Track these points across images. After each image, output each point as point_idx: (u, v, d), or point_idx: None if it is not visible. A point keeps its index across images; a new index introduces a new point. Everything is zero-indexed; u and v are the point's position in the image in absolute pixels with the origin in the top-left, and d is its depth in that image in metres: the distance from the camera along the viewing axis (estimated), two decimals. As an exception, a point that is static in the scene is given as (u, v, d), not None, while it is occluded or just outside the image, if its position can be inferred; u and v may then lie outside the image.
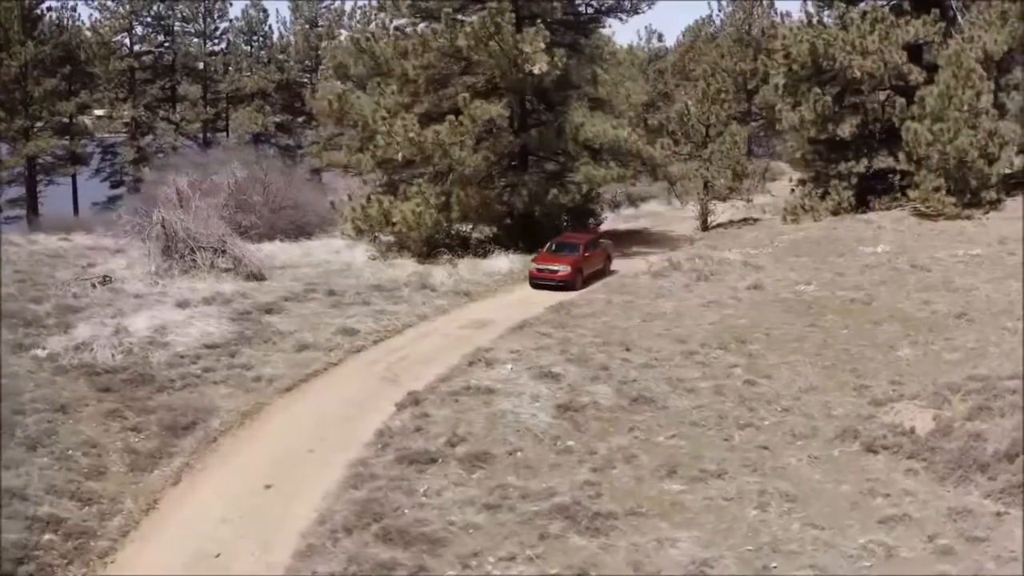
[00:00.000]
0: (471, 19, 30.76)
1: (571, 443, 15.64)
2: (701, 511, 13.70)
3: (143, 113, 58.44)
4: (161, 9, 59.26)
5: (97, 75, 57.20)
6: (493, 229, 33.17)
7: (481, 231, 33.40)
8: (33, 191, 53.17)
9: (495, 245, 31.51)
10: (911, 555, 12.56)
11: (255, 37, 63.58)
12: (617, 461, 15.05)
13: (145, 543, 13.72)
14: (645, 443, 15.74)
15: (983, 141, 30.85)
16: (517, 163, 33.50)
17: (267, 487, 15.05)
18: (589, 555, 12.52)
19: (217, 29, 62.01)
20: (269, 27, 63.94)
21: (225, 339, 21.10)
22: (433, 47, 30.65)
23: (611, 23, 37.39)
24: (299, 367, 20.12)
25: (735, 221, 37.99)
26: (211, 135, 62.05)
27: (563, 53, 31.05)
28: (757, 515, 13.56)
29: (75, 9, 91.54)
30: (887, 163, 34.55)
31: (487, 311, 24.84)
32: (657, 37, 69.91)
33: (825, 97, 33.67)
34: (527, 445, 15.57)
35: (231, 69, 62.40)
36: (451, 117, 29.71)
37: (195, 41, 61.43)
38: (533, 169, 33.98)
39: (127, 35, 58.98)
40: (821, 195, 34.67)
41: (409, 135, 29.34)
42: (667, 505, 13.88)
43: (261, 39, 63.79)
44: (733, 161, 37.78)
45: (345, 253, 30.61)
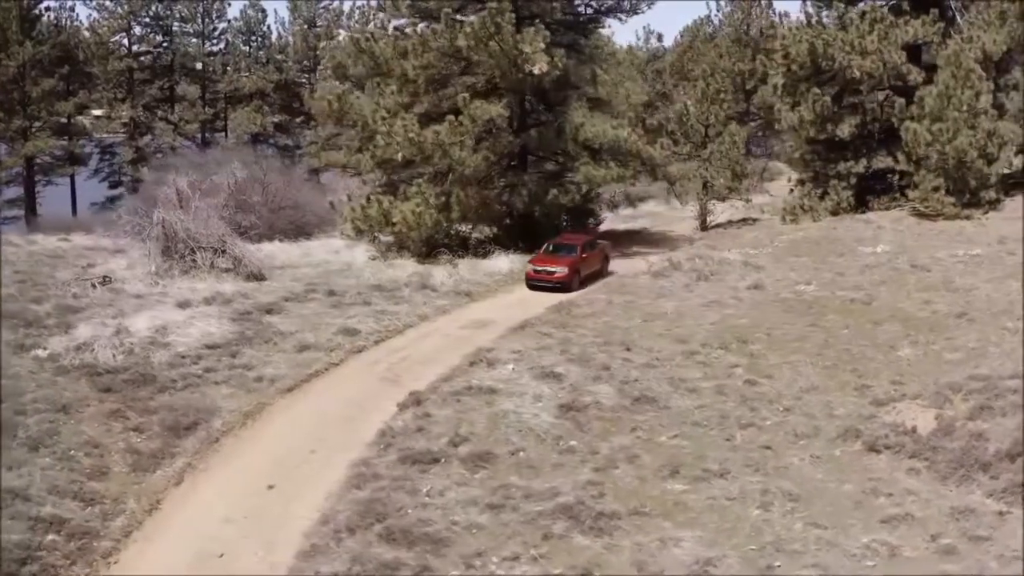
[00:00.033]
0: (471, 19, 30.75)
1: (573, 443, 15.67)
2: (704, 511, 13.74)
3: (141, 113, 58.33)
4: (159, 9, 59.18)
5: (95, 75, 57.09)
6: (493, 229, 33.14)
7: (481, 231, 33.36)
8: (31, 191, 53.10)
9: (495, 245, 31.48)
10: (914, 554, 12.60)
11: (254, 37, 63.44)
12: (620, 461, 15.08)
13: (148, 543, 13.74)
14: (647, 443, 15.78)
15: (982, 141, 30.87)
16: (517, 163, 33.47)
17: (270, 487, 15.07)
18: (593, 555, 12.55)
19: (216, 29, 61.94)
20: (268, 27, 63.86)
21: (226, 339, 21.09)
22: (433, 47, 30.62)
23: (610, 23, 37.33)
24: (300, 367, 20.12)
25: (734, 221, 37.98)
26: (210, 135, 61.93)
27: (563, 53, 31.01)
28: (760, 515, 13.59)
29: (73, 9, 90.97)
30: (886, 163, 34.56)
31: (488, 311, 24.83)
32: (657, 37, 69.85)
33: (824, 97, 33.65)
34: (529, 445, 15.60)
35: (229, 69, 62.27)
36: (451, 117, 29.67)
37: (193, 41, 61.32)
38: (533, 169, 33.95)
39: (125, 35, 58.86)
40: (820, 195, 34.66)
41: (409, 135, 29.31)
42: (670, 505, 13.91)
43: (260, 39, 63.64)
44: (732, 161, 37.77)
45: (345, 253, 30.57)
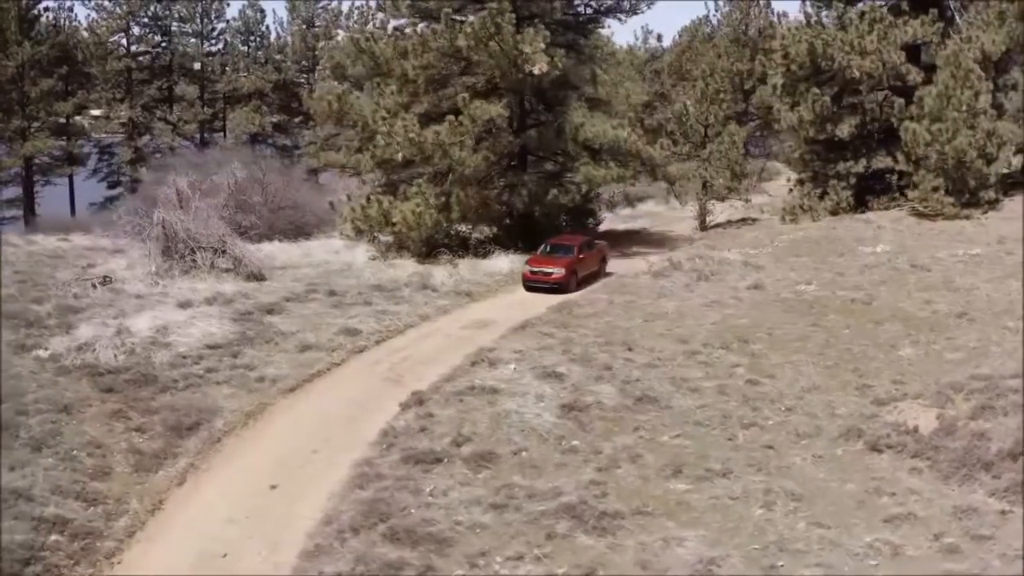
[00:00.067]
0: (470, 19, 30.75)
1: (576, 443, 15.69)
2: (707, 510, 13.76)
3: (140, 113, 58.22)
4: (158, 9, 59.03)
5: (94, 75, 56.98)
6: (493, 229, 33.13)
7: (481, 231, 33.36)
8: (30, 191, 53.00)
9: (495, 245, 31.47)
10: (917, 553, 12.62)
11: (252, 37, 63.34)
12: (622, 461, 15.10)
13: (151, 543, 13.74)
14: (650, 443, 15.79)
15: (981, 141, 30.89)
16: (517, 163, 33.48)
17: (272, 487, 15.07)
18: (597, 554, 12.57)
19: (214, 29, 61.78)
20: (266, 27, 63.64)
21: (227, 339, 21.09)
22: (433, 47, 30.62)
23: (610, 23, 37.38)
24: (302, 367, 20.14)
25: (733, 221, 38.01)
26: (208, 135, 61.82)
27: (562, 53, 31.01)
28: (763, 514, 13.61)
29: (72, 9, 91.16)
30: (885, 163, 34.58)
31: (488, 311, 24.85)
32: (656, 37, 69.73)
33: (823, 97, 33.67)
34: (532, 445, 15.62)
35: (228, 69, 62.15)
36: (451, 117, 29.66)
37: (192, 41, 61.15)
38: (533, 169, 33.96)
39: (124, 35, 58.70)
40: (820, 195, 34.68)
41: (409, 135, 29.31)
42: (673, 504, 13.93)
43: (258, 39, 63.54)
44: (732, 161, 37.81)
45: (345, 253, 30.57)
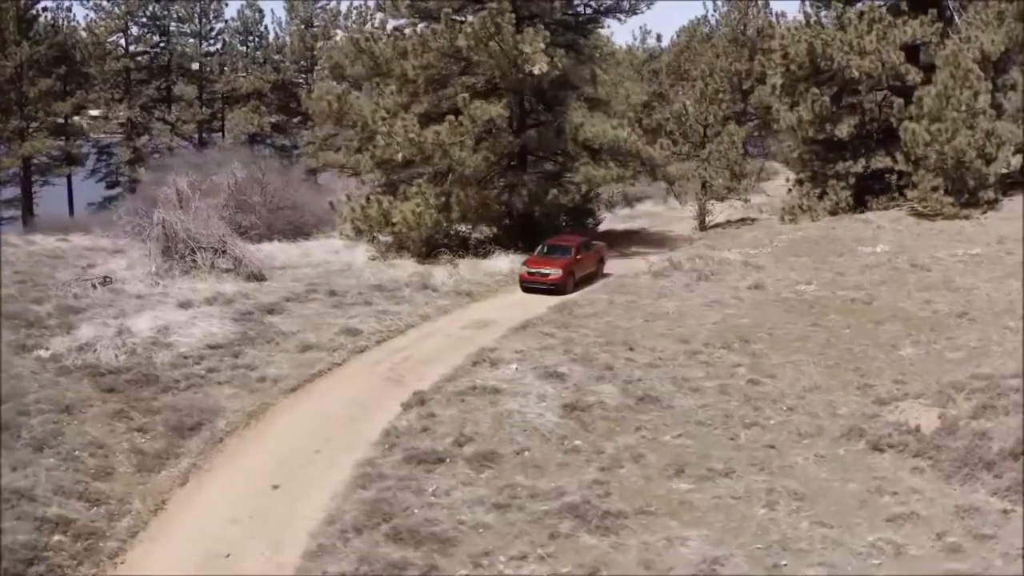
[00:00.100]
0: (470, 19, 30.76)
1: (578, 442, 15.70)
2: (710, 510, 13.78)
3: (139, 114, 58.14)
4: (156, 9, 59.00)
5: (92, 76, 56.90)
6: (493, 229, 33.13)
7: (480, 231, 33.37)
8: (28, 192, 52.94)
9: (495, 245, 31.47)
10: (920, 553, 12.64)
11: (251, 37, 63.32)
12: (625, 460, 15.12)
13: (154, 543, 13.75)
14: (652, 442, 15.81)
15: (981, 141, 30.93)
16: (516, 163, 33.48)
17: (275, 487, 15.08)
18: (600, 554, 12.59)
19: (213, 29, 61.73)
20: (265, 27, 63.65)
21: (228, 339, 21.09)
22: (433, 47, 30.61)
23: (609, 23, 37.40)
24: (303, 367, 20.14)
25: (732, 221, 38.04)
26: (207, 135, 61.81)
27: (562, 53, 31.02)
28: (766, 513, 13.63)
29: (70, 10, 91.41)
30: (884, 163, 34.62)
31: (489, 311, 24.85)
32: (656, 37, 69.75)
33: (823, 97, 33.69)
34: (534, 445, 15.63)
35: (227, 69, 62.09)
36: (451, 117, 29.66)
37: (191, 41, 61.09)
38: (532, 169, 33.96)
39: (122, 35, 58.65)
40: (819, 195, 34.71)
41: (409, 135, 29.30)
42: (676, 504, 13.94)
43: (257, 39, 63.52)
44: (731, 161, 37.84)
45: (344, 253, 30.56)
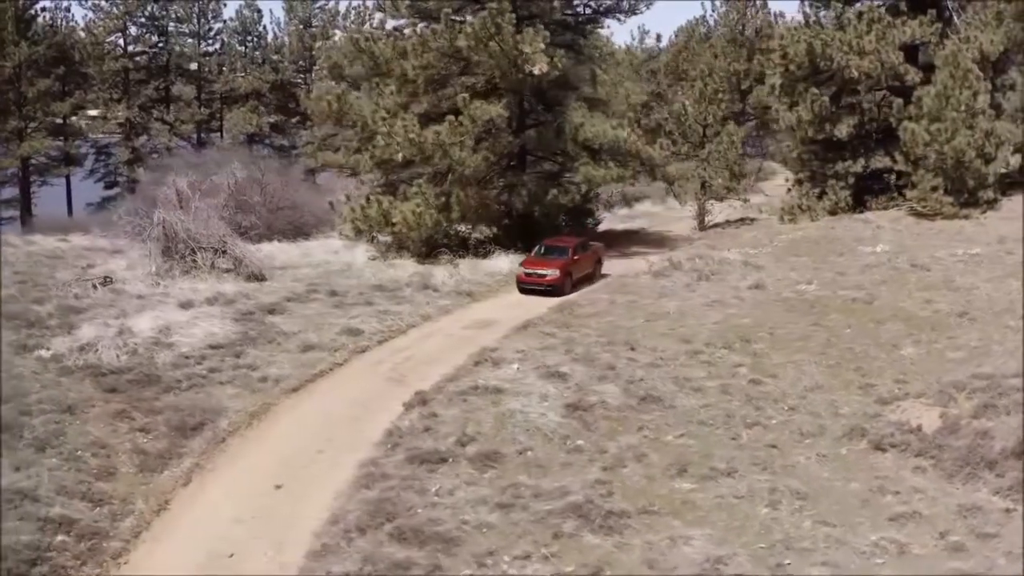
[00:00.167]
0: (470, 20, 30.76)
1: (581, 442, 15.72)
2: (713, 509, 13.80)
3: (137, 114, 58.06)
4: (155, 10, 58.95)
5: (91, 76, 56.80)
6: (492, 229, 33.11)
7: (480, 231, 33.36)
8: (27, 192, 52.86)
9: (494, 245, 31.47)
10: (923, 552, 12.67)
11: (249, 37, 63.23)
12: (627, 460, 15.14)
13: (157, 543, 13.75)
14: (654, 442, 15.83)
15: (980, 141, 30.97)
16: (516, 163, 33.48)
17: (277, 487, 15.08)
18: (604, 553, 12.60)
19: (211, 29, 61.65)
20: (263, 27, 63.47)
21: (229, 340, 21.08)
22: (432, 47, 30.61)
23: (609, 23, 37.42)
24: (305, 367, 20.15)
25: (732, 221, 38.04)
26: (205, 136, 61.76)
27: (562, 53, 31.02)
28: (768, 513, 13.66)
29: (69, 10, 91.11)
30: (884, 163, 34.63)
31: (490, 311, 24.87)
32: (655, 37, 69.82)
33: (822, 97, 33.71)
34: (537, 444, 15.64)
35: (225, 69, 61.99)
36: (451, 117, 29.67)
37: (189, 41, 61.01)
38: (532, 169, 33.96)
39: (121, 36, 58.56)
40: (818, 195, 34.74)
41: (409, 135, 29.30)
42: (679, 503, 13.97)
43: (255, 39, 63.42)
44: (730, 161, 37.86)
45: (344, 253, 30.57)
